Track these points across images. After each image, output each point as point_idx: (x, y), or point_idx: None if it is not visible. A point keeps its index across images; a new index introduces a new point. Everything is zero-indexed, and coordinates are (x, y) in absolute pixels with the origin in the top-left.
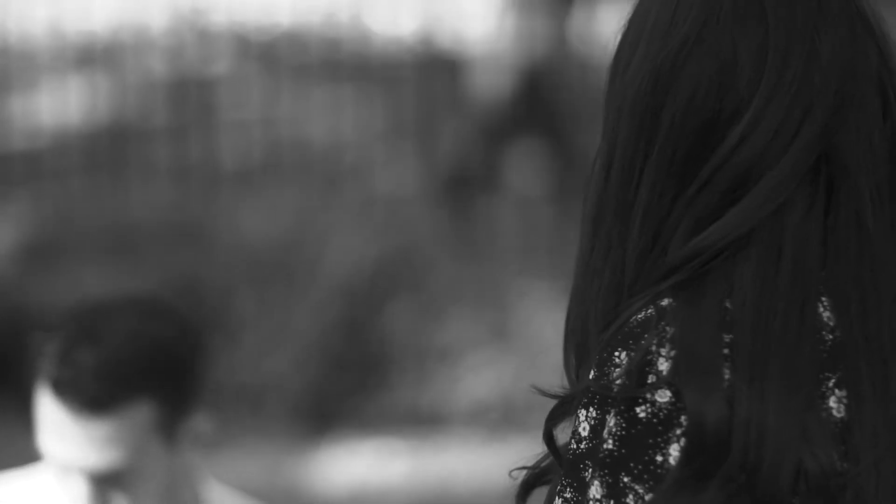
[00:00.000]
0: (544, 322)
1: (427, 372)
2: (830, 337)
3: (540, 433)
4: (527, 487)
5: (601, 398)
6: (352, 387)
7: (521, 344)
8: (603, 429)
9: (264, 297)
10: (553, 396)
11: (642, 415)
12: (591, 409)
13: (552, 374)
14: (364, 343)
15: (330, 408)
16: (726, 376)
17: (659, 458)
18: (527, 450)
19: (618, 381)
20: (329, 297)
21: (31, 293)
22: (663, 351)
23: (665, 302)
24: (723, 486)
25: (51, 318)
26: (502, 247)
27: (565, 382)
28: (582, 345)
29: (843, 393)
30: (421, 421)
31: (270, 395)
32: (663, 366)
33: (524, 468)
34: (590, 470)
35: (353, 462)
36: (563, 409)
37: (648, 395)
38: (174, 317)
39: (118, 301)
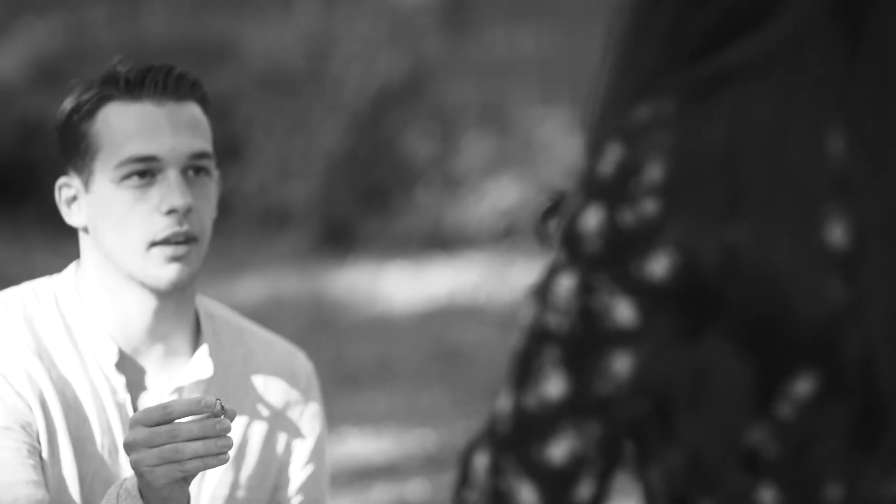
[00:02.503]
0: (563, 147)
1: (449, 194)
2: (840, 166)
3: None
4: (547, 214)
5: (588, 188)
6: (374, 207)
7: (542, 167)
8: (586, 219)
9: (286, 117)
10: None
11: (627, 218)
12: (579, 197)
13: None
14: (387, 164)
15: (353, 228)
16: (723, 200)
17: (638, 267)
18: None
19: (606, 173)
20: (351, 117)
21: (45, 112)
22: (658, 156)
23: (670, 111)
24: (718, 336)
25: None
26: (521, 72)
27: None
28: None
29: (849, 225)
30: (444, 241)
31: (295, 216)
32: (655, 172)
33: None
34: (566, 258)
35: (376, 280)
36: (554, 209)
37: (635, 200)
38: None
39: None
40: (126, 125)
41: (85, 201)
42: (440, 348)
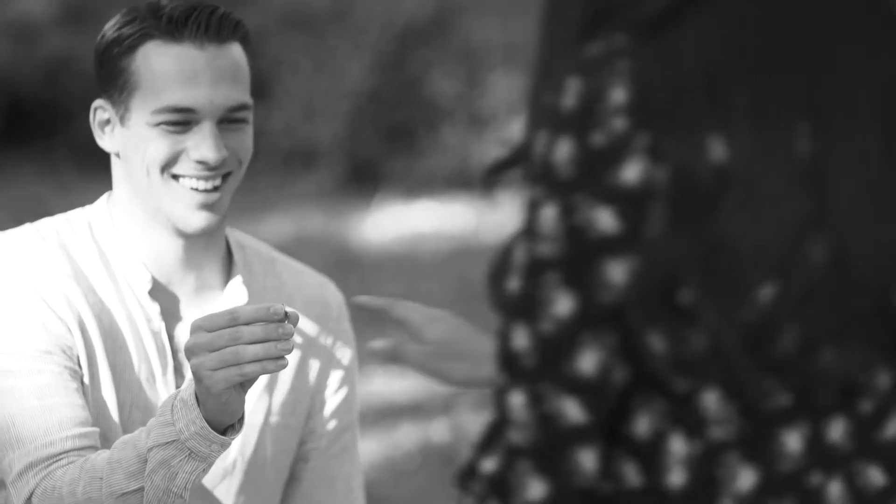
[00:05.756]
0: None
1: (475, 133)
2: (806, 72)
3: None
4: (496, 169)
5: (555, 123)
6: (400, 147)
7: None
8: (557, 151)
9: (311, 57)
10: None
11: (597, 140)
12: (547, 135)
13: None
14: (413, 103)
15: (378, 168)
16: (697, 112)
17: (612, 178)
18: None
19: (570, 105)
20: (376, 56)
21: (72, 50)
22: (620, 81)
23: (624, 43)
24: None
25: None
26: None
27: None
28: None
29: (813, 127)
30: (469, 181)
31: (320, 155)
32: (619, 95)
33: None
34: (545, 191)
35: (402, 219)
36: (507, 162)
37: (601, 122)
38: None
39: None
40: (166, 69)
41: (118, 132)
42: (465, 287)
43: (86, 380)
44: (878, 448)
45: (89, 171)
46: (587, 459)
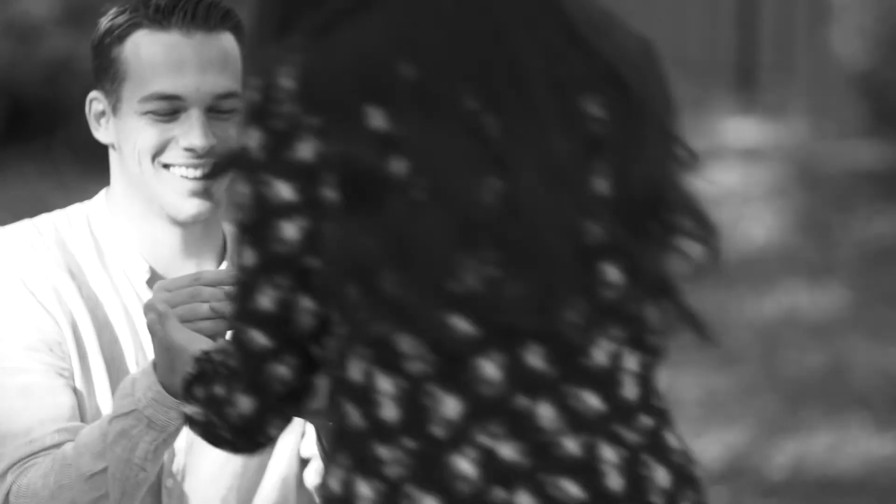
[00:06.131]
0: None
1: None
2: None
3: None
4: (214, 171)
5: (245, 117)
6: None
7: None
8: (248, 140)
9: None
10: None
11: (276, 124)
12: (242, 129)
13: None
14: None
15: None
16: (358, 97)
17: (289, 155)
18: None
19: (254, 99)
20: None
21: (73, 50)
22: (290, 72)
23: (297, 43)
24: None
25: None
26: None
27: None
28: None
29: (496, 117)
30: None
31: None
32: (289, 83)
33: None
34: (240, 174)
35: None
36: (219, 166)
37: (277, 109)
38: None
39: None
40: (153, 57)
41: (112, 123)
42: None
43: (77, 375)
44: (586, 374)
45: (90, 171)
46: (283, 373)
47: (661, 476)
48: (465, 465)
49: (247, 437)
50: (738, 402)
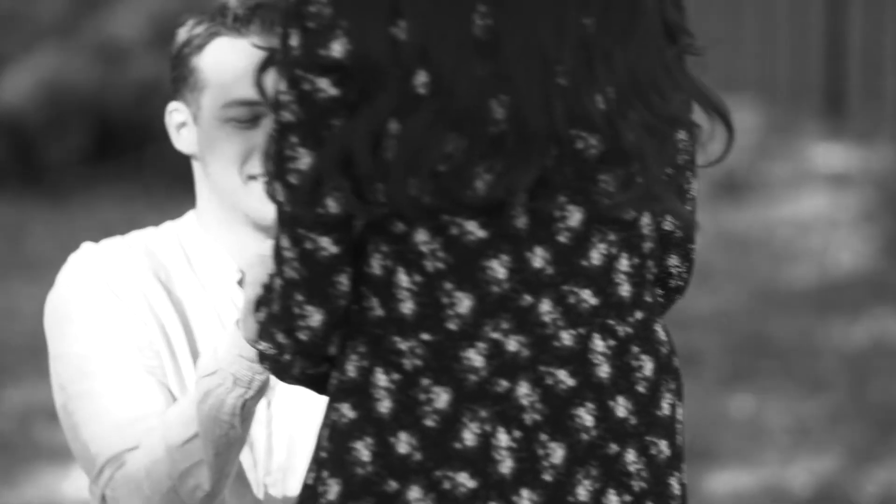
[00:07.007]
0: None
1: None
2: None
3: None
4: (263, 66)
5: (284, 20)
6: None
7: None
8: (290, 40)
9: None
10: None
11: (312, 24)
12: (283, 32)
13: None
14: None
15: None
16: (385, 3)
17: (324, 52)
18: None
19: (292, 3)
20: None
21: (162, 72)
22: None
23: None
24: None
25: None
26: None
27: None
28: None
29: (490, 19)
30: None
31: None
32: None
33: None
34: (280, 69)
35: None
36: (268, 61)
37: (312, 10)
38: None
39: None
40: (233, 64)
41: (193, 132)
42: None
43: (170, 373)
44: (584, 273)
45: (180, 192)
46: (343, 283)
47: (647, 366)
48: (475, 357)
49: (312, 358)
50: (827, 430)
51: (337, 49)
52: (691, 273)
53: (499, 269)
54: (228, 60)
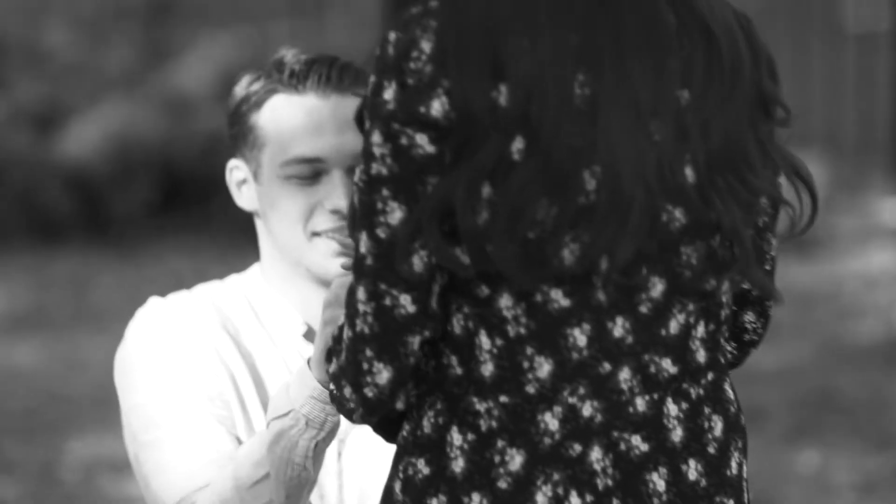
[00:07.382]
0: None
1: None
2: (581, 40)
3: None
4: (361, 111)
5: (379, 70)
6: None
7: None
8: (383, 92)
9: None
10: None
11: (411, 81)
12: (375, 80)
13: None
14: None
15: None
16: (486, 62)
17: (423, 110)
18: None
19: (390, 54)
20: None
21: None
22: (427, 35)
23: (434, 5)
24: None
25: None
26: None
27: None
28: None
29: (591, 85)
30: None
31: None
32: (426, 45)
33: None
34: (370, 122)
35: None
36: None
37: (413, 66)
38: None
39: None
40: (291, 121)
41: (254, 189)
42: None
43: (240, 424)
44: (662, 343)
45: (245, 243)
46: (415, 343)
47: (717, 426)
48: (551, 420)
49: (378, 414)
50: (894, 486)
51: (437, 108)
52: (766, 329)
53: (580, 336)
54: (287, 118)
